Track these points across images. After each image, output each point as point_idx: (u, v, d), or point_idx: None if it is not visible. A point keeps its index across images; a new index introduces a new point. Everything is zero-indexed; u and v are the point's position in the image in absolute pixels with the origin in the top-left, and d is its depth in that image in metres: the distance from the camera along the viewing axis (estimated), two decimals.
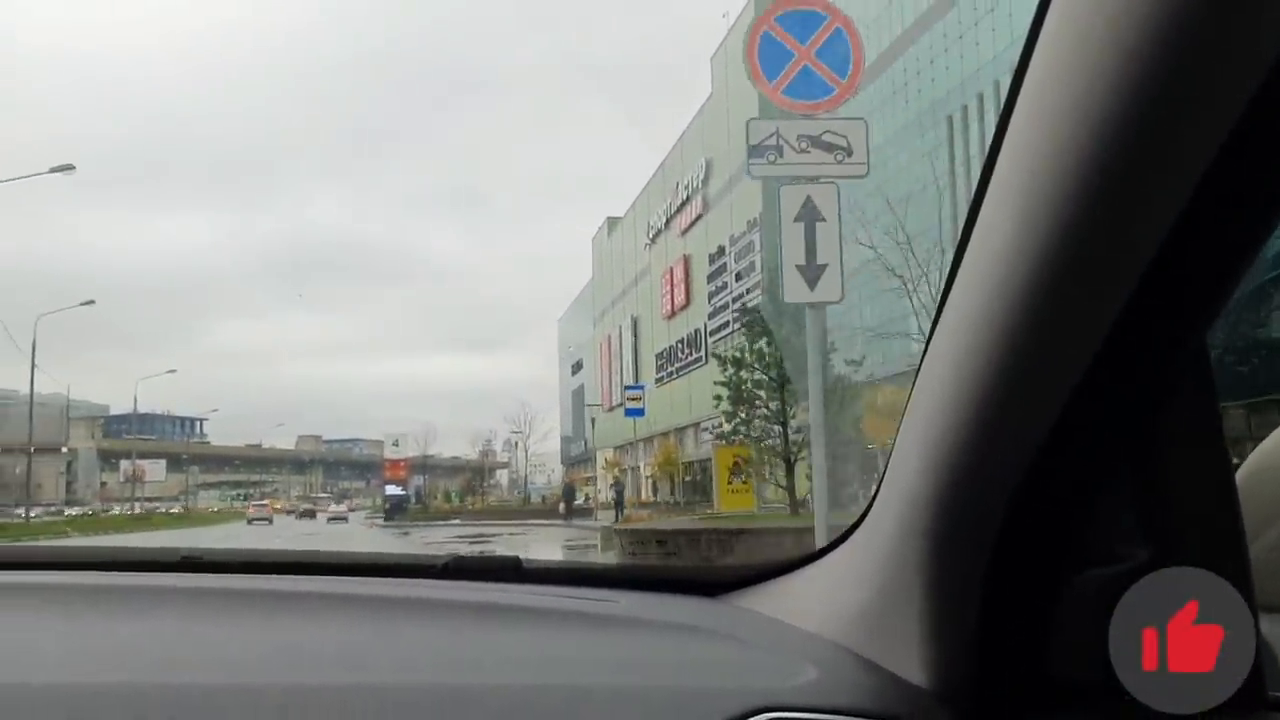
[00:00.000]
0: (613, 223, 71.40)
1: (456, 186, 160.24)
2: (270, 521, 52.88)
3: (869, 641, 0.96)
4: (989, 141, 0.70)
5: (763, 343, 25.76)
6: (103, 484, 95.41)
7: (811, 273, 5.67)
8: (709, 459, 32.94)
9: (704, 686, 0.89)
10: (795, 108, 5.84)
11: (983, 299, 0.73)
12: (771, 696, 0.86)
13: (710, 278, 49.70)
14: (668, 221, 56.97)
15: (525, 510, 51.47)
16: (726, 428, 27.89)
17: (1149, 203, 0.62)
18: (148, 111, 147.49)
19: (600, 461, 62.83)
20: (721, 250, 48.21)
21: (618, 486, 43.84)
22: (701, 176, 51.58)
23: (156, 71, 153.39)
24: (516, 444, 71.75)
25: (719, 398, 28.05)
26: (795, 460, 23.16)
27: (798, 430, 22.60)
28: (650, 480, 55.75)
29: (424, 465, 69.19)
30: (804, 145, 5.74)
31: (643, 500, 49.22)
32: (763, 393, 25.85)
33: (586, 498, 56.42)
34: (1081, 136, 0.60)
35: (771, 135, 5.77)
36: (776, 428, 24.87)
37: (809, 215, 5.67)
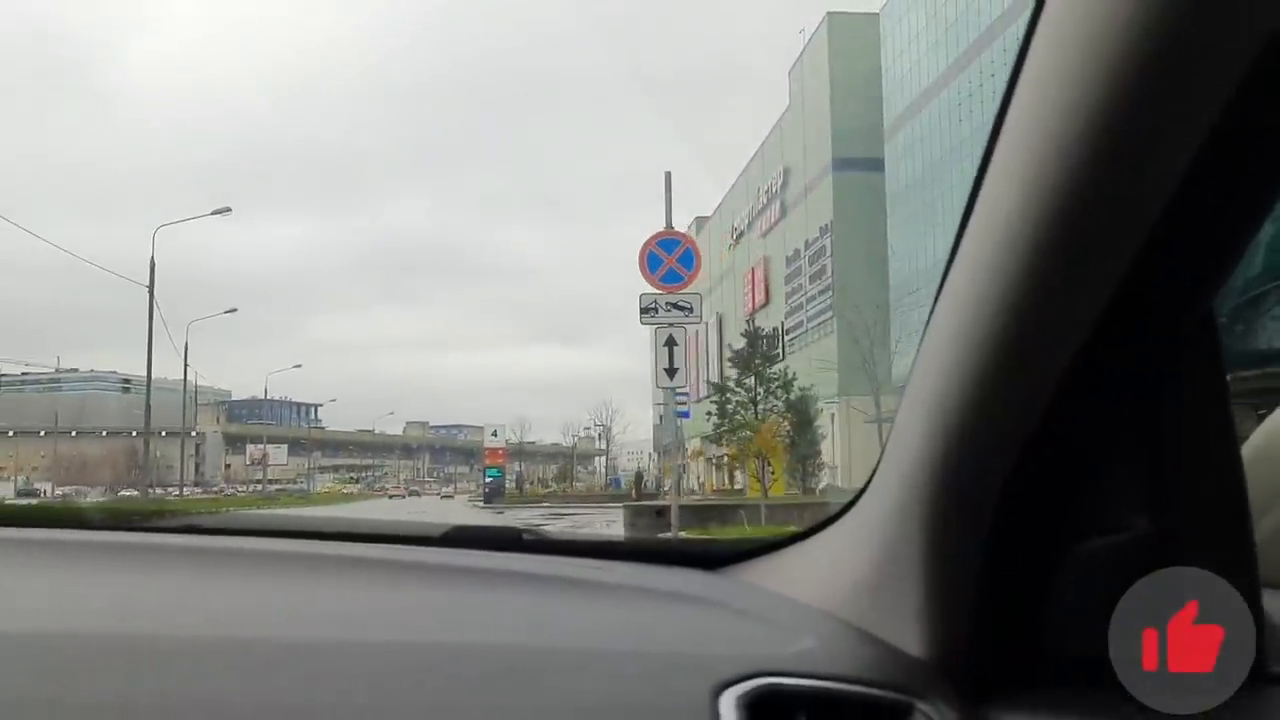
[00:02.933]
0: (701, 222, 74.62)
1: (538, 189, 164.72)
2: (405, 498, 64.79)
3: (867, 613, 0.96)
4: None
5: (740, 374, 35.46)
6: (227, 466, 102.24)
7: (672, 373, 10.44)
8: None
9: (699, 651, 0.89)
10: (663, 288, 10.49)
11: (984, 270, 0.74)
12: (766, 663, 0.86)
13: (787, 279, 52.61)
14: (750, 224, 59.98)
15: (607, 495, 55.27)
16: (710, 433, 38.31)
17: (1151, 170, 0.62)
18: (252, 125, 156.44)
19: (688, 450, 66.22)
20: (797, 253, 51.06)
21: (638, 472, 49.39)
22: (780, 183, 54.46)
23: (262, 90, 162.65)
24: (599, 435, 75.50)
25: (709, 414, 37.99)
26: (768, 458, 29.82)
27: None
28: (717, 468, 59.21)
29: (520, 452, 73.63)
30: (668, 307, 10.46)
31: (717, 488, 52.44)
32: (742, 411, 34.13)
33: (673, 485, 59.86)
34: (1086, 103, 0.60)
35: (653, 302, 10.49)
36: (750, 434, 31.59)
37: (670, 342, 10.26)
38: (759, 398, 34.79)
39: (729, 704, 0.80)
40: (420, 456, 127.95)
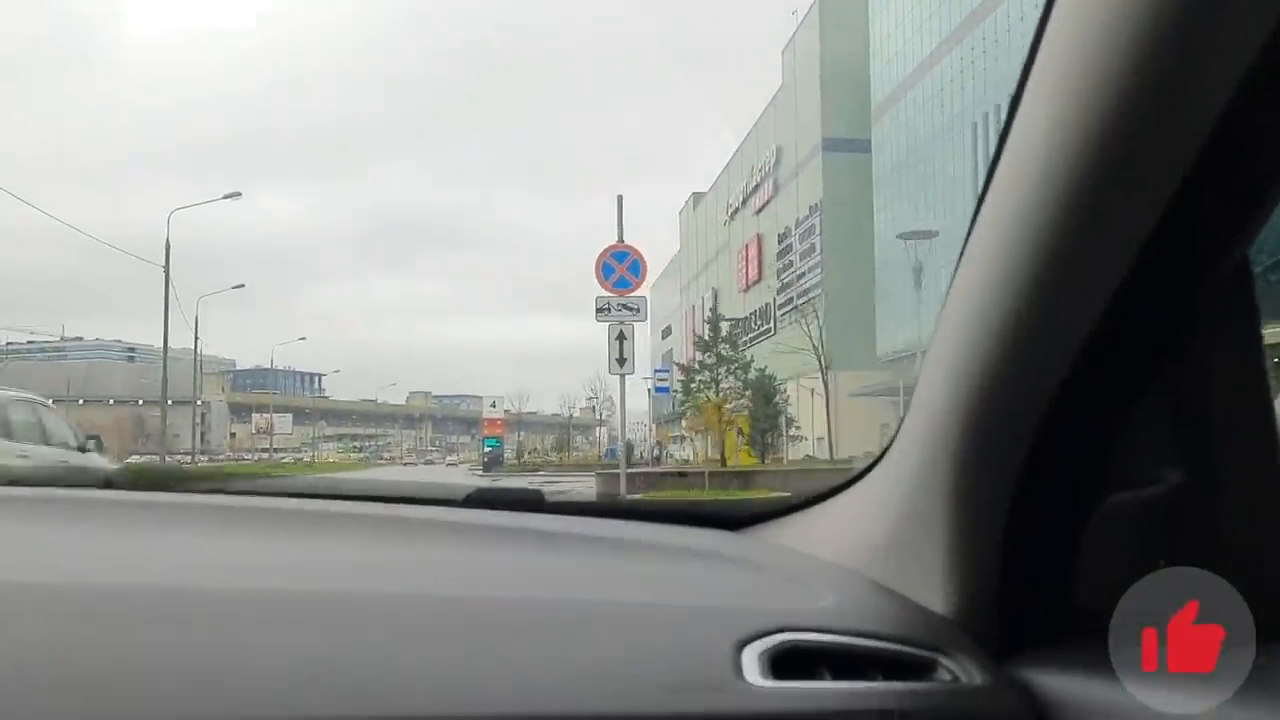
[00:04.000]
0: (697, 198, 75.65)
1: (538, 160, 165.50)
2: (418, 465, 71.11)
3: (890, 570, 0.96)
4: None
5: (705, 356, 39.08)
6: (232, 434, 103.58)
7: (622, 362, 12.22)
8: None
9: (722, 607, 0.89)
10: (615, 293, 12.24)
11: (1013, 222, 0.72)
12: (788, 618, 0.85)
13: (779, 255, 53.77)
14: (744, 201, 60.99)
15: (601, 464, 56.99)
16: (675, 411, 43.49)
17: (1184, 117, 0.61)
18: (253, 99, 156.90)
19: (684, 422, 67.68)
20: (788, 231, 52.15)
21: (628, 443, 53.34)
22: (773, 161, 55.43)
23: (262, 64, 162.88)
24: (593, 408, 76.87)
25: (677, 392, 43.16)
26: (725, 431, 34.67)
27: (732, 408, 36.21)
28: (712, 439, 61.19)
29: (519, 422, 75.09)
30: (619, 307, 12.18)
31: (708, 458, 54.18)
32: (705, 390, 37.85)
33: (664, 454, 61.50)
34: (1121, 41, 0.59)
35: (606, 303, 12.24)
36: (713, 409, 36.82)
37: (620, 336, 12.17)
38: (720, 378, 37.71)
39: (751, 658, 0.80)
40: (423, 426, 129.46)
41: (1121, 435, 0.81)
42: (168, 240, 29.83)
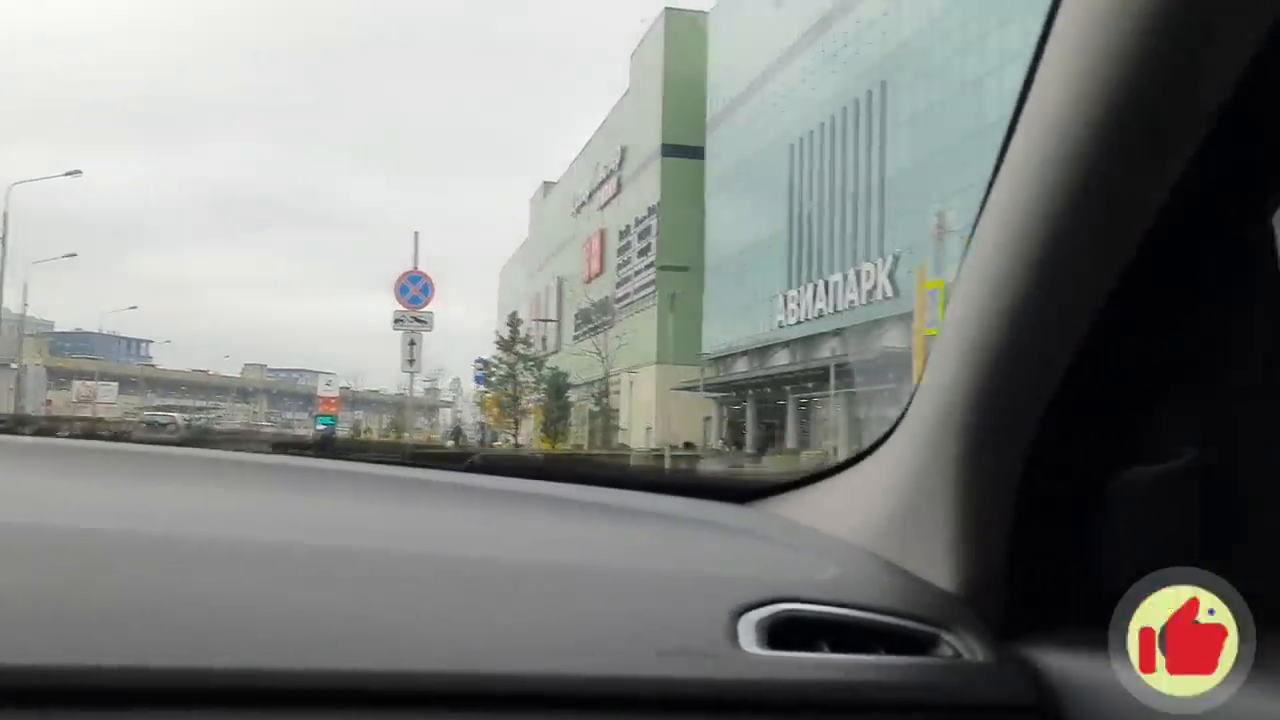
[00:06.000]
0: (548, 187, 76.87)
1: (381, 141, 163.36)
2: None
3: (895, 546, 0.95)
4: None
5: (507, 355, 45.53)
6: (48, 401, 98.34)
7: (412, 362, 14.58)
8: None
9: (719, 574, 0.88)
10: (409, 308, 14.40)
11: (1027, 194, 0.71)
12: (789, 589, 0.85)
13: (620, 251, 55.71)
14: (590, 195, 62.63)
15: (432, 446, 58.22)
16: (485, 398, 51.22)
17: (1206, 71, 0.60)
18: (89, 64, 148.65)
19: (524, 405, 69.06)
20: (629, 229, 54.11)
21: (457, 426, 58.09)
22: (618, 160, 57.27)
23: (101, 28, 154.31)
24: (435, 389, 77.44)
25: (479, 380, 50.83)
26: (520, 418, 41.50)
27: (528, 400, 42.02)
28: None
29: (357, 400, 74.86)
30: (412, 320, 14.42)
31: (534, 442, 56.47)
32: (505, 384, 44.02)
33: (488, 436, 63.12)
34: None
35: (402, 315, 14.52)
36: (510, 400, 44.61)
37: (411, 343, 14.26)
38: (518, 374, 43.85)
39: (748, 627, 0.80)
40: (258, 400, 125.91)
41: (1132, 412, 0.81)
42: (5, 213, 29.41)
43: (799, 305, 36.57)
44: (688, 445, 34.65)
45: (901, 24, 31.12)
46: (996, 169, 0.76)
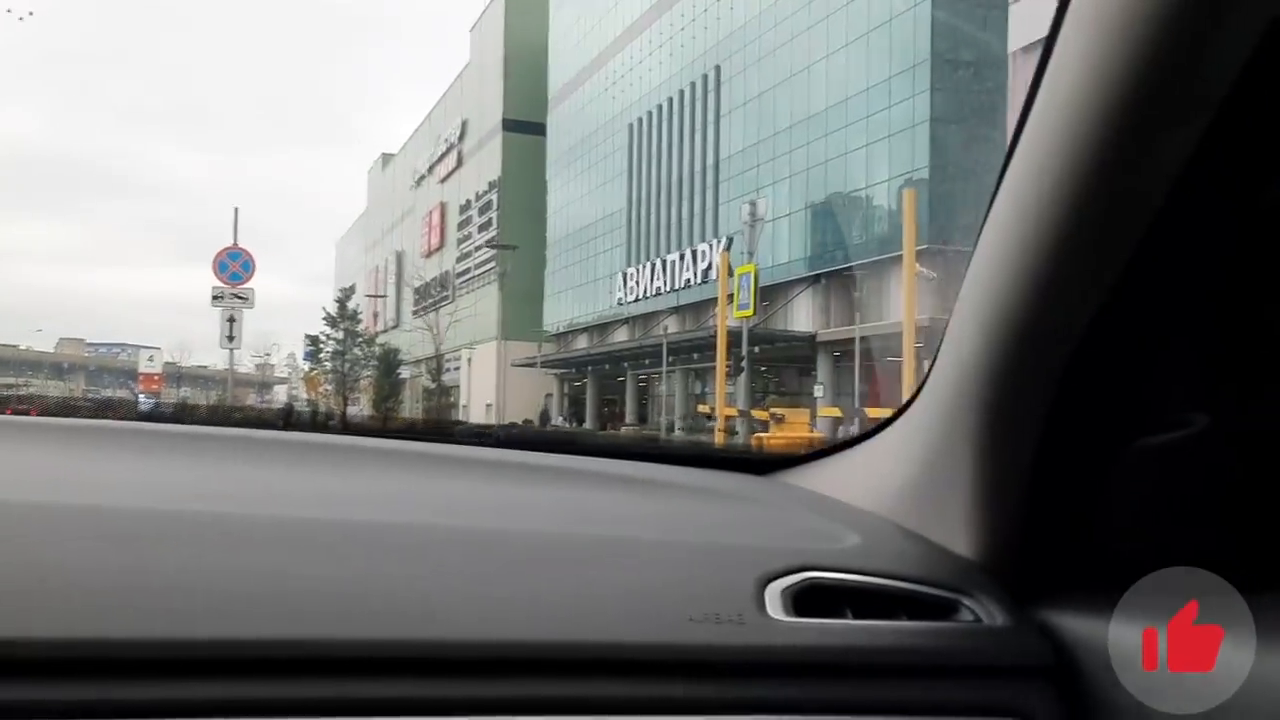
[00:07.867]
0: (387, 158, 75.08)
1: (193, 108, 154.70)
2: None
3: (915, 514, 0.97)
4: None
5: (334, 331, 46.37)
6: None
7: (231, 339, 14.11)
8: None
9: (744, 544, 0.90)
10: (229, 285, 13.90)
11: (1046, 162, 0.71)
12: (811, 558, 0.86)
13: (460, 226, 55.14)
14: (430, 168, 61.60)
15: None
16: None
17: (1218, 44, 0.60)
18: None
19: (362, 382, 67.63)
20: (469, 203, 53.66)
21: (288, 403, 59.43)
22: (458, 134, 56.60)
23: None
24: (259, 365, 75.02)
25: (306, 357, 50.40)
26: (349, 395, 42.68)
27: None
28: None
29: (181, 375, 71.60)
30: (231, 296, 13.98)
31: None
32: (334, 360, 44.82)
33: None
34: None
35: (221, 292, 13.96)
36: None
37: (231, 319, 13.79)
38: (348, 349, 44.55)
39: (774, 595, 0.82)
40: (75, 376, 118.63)
41: (1145, 382, 0.81)
42: None
43: (638, 284, 37.27)
44: (526, 423, 34.95)
45: (735, 9, 31.99)
46: (1014, 142, 0.76)
